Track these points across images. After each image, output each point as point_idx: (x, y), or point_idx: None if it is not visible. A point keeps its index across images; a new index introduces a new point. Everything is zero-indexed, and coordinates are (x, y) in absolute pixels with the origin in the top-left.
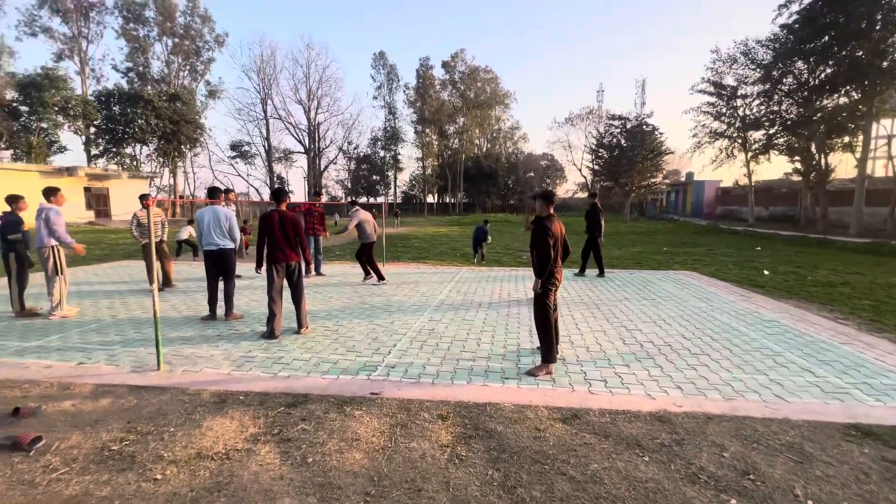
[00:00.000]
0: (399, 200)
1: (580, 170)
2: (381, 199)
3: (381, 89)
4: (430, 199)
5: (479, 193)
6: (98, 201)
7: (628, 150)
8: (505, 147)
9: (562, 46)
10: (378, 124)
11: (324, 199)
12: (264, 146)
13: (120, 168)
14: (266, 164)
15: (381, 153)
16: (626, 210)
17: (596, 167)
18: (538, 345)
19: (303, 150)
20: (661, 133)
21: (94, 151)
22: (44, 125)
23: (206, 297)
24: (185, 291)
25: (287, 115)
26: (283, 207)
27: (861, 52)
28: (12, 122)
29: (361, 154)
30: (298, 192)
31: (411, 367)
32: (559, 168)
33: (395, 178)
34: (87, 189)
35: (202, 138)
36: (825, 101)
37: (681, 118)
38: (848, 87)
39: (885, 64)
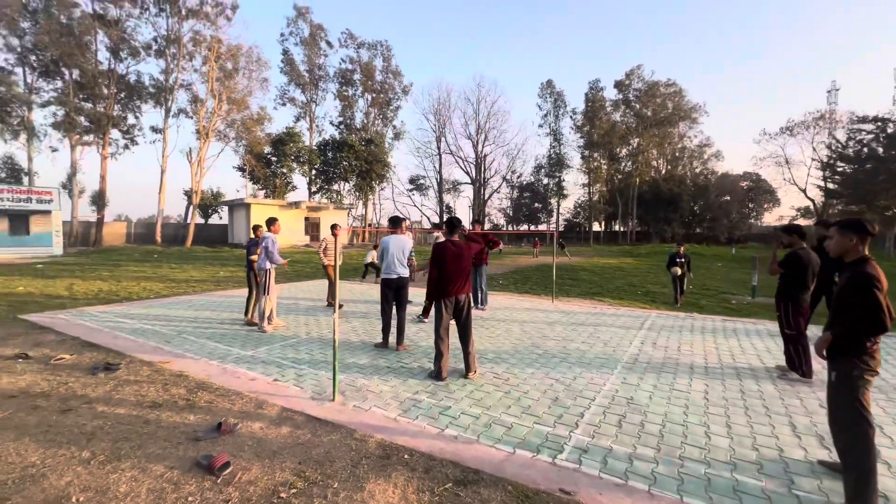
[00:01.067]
0: (561, 228)
1: (804, 190)
2: (542, 227)
3: (547, 117)
4: (595, 226)
5: (657, 221)
6: (313, 228)
7: (889, 162)
8: (691, 167)
9: (772, 45)
10: (542, 152)
11: (485, 226)
12: (436, 178)
13: (329, 201)
14: (437, 194)
15: (545, 180)
16: (887, 243)
17: (832, 186)
18: (835, 460)
19: (469, 181)
20: None
21: (313, 189)
22: (284, 170)
23: (381, 323)
24: (366, 315)
25: (457, 149)
26: (457, 238)
27: None
28: (266, 169)
29: (524, 182)
30: (465, 221)
31: (611, 455)
32: (767, 190)
33: (559, 206)
34: (306, 218)
35: (388, 174)
36: None
37: None
38: None
39: None
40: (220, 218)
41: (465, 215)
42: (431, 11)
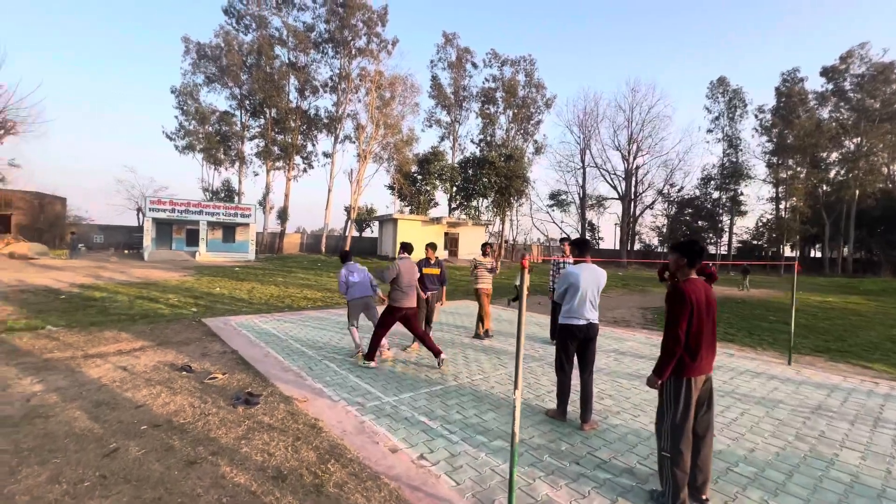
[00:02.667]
0: (733, 252)
1: None
2: (712, 250)
3: (718, 120)
4: (787, 250)
5: (890, 246)
6: (452, 243)
7: None
8: None
9: None
10: (712, 161)
11: (635, 246)
12: (579, 194)
13: (467, 217)
14: (579, 211)
15: (716, 194)
16: None
17: None
18: None
19: (617, 196)
20: None
21: (453, 205)
22: (427, 187)
23: (556, 384)
24: (540, 358)
25: (603, 162)
26: (693, 274)
27: None
28: (412, 187)
29: (685, 197)
30: (609, 239)
31: None
32: None
33: (732, 224)
34: (446, 234)
35: (527, 190)
36: None
37: None
38: None
39: None
40: (372, 231)
41: (609, 233)
42: (581, 18)
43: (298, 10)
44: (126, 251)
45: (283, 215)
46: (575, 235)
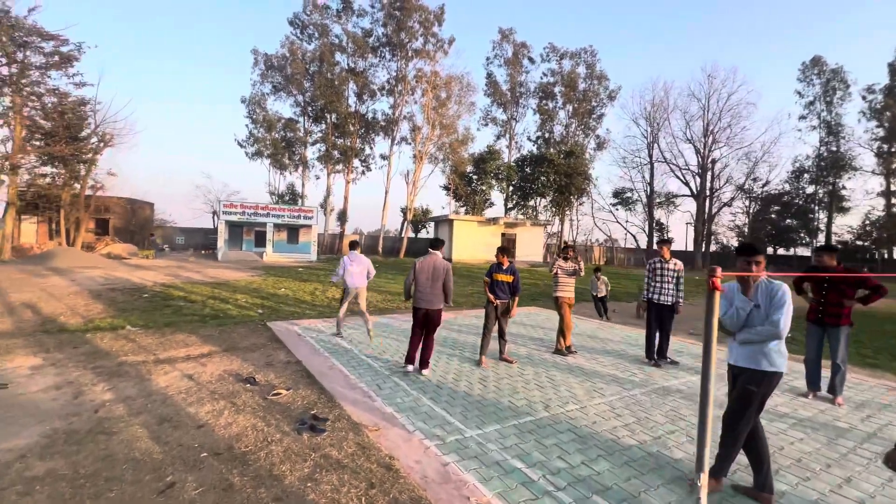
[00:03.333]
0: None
1: None
2: (800, 251)
3: (813, 104)
4: None
5: None
6: (509, 244)
7: None
8: None
9: None
10: (805, 151)
11: (711, 248)
12: (646, 191)
13: (525, 218)
14: (646, 209)
15: (810, 188)
16: None
17: None
18: None
19: (689, 193)
20: None
21: (509, 205)
22: (483, 187)
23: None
24: (642, 384)
25: (674, 156)
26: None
27: None
28: (467, 187)
29: (771, 193)
30: (679, 240)
31: None
32: None
33: (831, 222)
34: (503, 234)
35: (589, 188)
36: None
37: None
38: None
39: None
40: (428, 232)
41: (680, 232)
42: (648, 2)
43: (357, 17)
44: (203, 252)
45: (342, 217)
46: (657, 236)
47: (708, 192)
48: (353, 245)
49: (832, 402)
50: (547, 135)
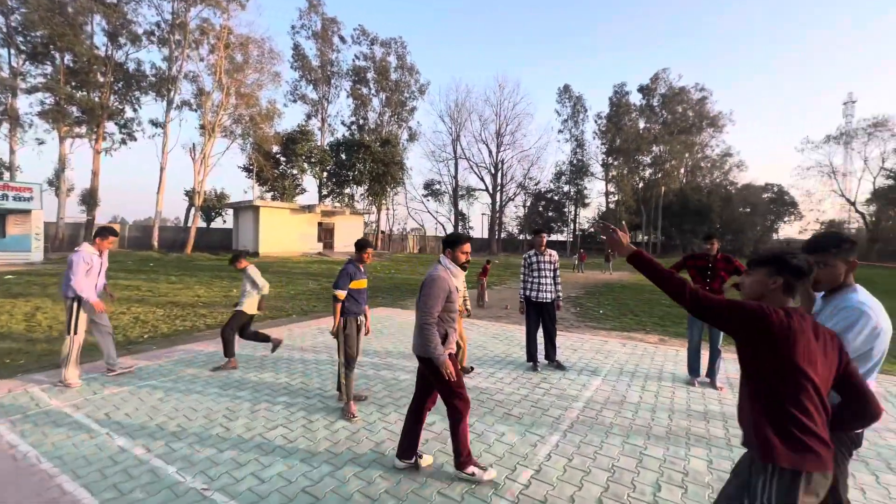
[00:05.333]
0: (571, 239)
1: (853, 203)
2: (556, 237)
3: (567, 122)
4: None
5: (683, 232)
6: (326, 235)
7: None
8: (712, 178)
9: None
10: (563, 158)
11: (500, 236)
12: (451, 184)
13: (342, 205)
14: (452, 200)
15: (566, 188)
16: None
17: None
18: None
19: (484, 188)
20: None
21: (323, 192)
22: (294, 171)
23: None
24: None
25: (472, 154)
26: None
27: None
28: (275, 170)
29: (542, 190)
30: (477, 228)
31: None
32: (790, 202)
33: (577, 215)
34: (319, 224)
35: (404, 178)
36: None
37: None
38: None
39: None
40: (224, 222)
41: (478, 222)
42: (450, 10)
43: None
44: None
45: (89, 200)
46: (461, 226)
47: (499, 188)
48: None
49: (714, 387)
50: (361, 121)
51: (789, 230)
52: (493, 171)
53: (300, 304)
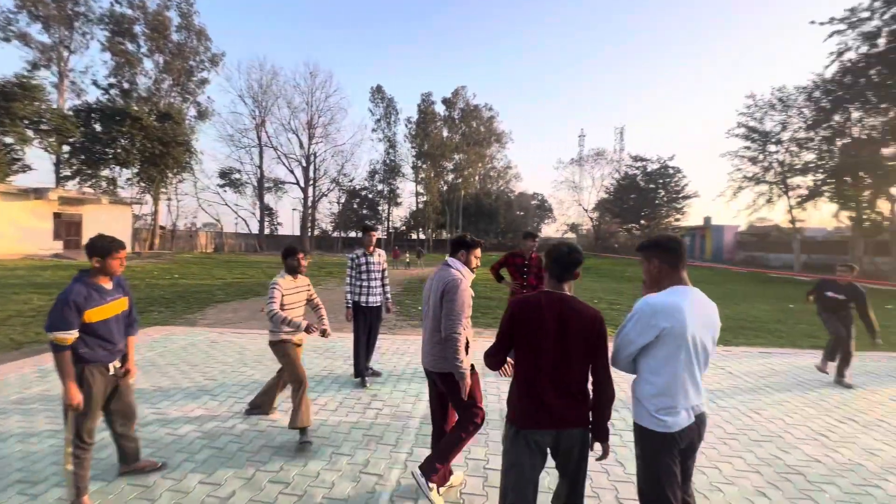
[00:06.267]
0: (384, 236)
1: (586, 210)
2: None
3: (380, 122)
4: (422, 235)
5: (478, 232)
6: (69, 230)
7: (647, 192)
8: (497, 185)
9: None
10: (377, 157)
11: (314, 233)
12: (255, 174)
13: (97, 191)
14: (256, 193)
15: (380, 186)
16: None
17: (612, 208)
18: None
19: (294, 181)
20: (683, 176)
21: (65, 171)
22: (8, 139)
23: None
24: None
25: (280, 143)
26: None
27: None
28: None
29: (356, 187)
30: (287, 224)
31: None
32: (548, 208)
33: (390, 213)
34: (56, 215)
35: (192, 162)
36: (888, 148)
37: (701, 165)
38: None
39: None
40: None
41: (288, 218)
42: None
43: None
44: None
45: None
46: (268, 221)
47: (311, 182)
48: None
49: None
50: (127, 85)
51: (548, 230)
52: (304, 164)
53: (11, 332)
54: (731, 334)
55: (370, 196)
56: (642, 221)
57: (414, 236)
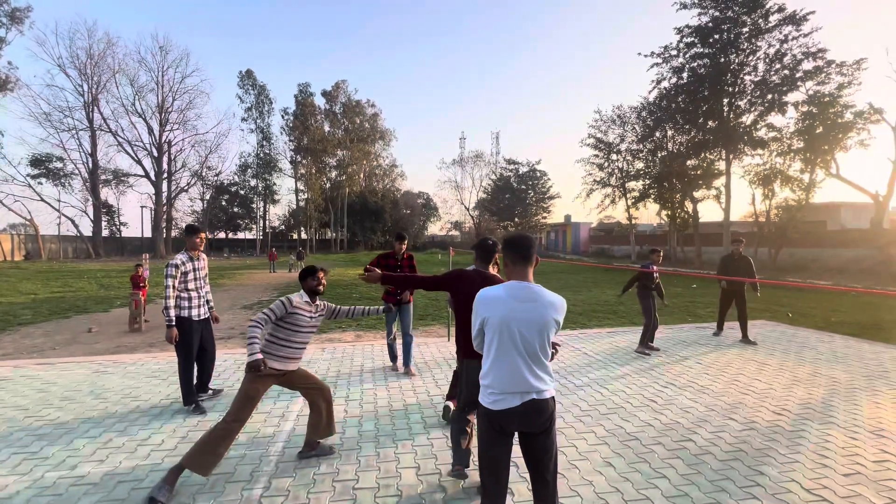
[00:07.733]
0: (260, 236)
1: (468, 209)
2: (244, 235)
3: (251, 111)
4: (304, 235)
5: (364, 230)
6: None
7: (519, 193)
8: (383, 184)
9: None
10: (249, 149)
11: (172, 234)
12: (86, 164)
13: None
14: (88, 187)
15: (253, 182)
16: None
17: (490, 207)
18: None
19: (143, 174)
20: (548, 178)
21: None
22: None
23: None
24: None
25: (122, 128)
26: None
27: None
28: None
29: (225, 182)
30: (134, 224)
31: None
32: (434, 207)
33: (266, 211)
34: None
35: None
36: (691, 161)
37: (563, 168)
38: (706, 153)
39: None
40: None
41: (136, 216)
42: None
43: None
44: None
45: None
46: (105, 220)
47: (165, 175)
48: None
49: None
50: None
51: (434, 228)
52: (155, 154)
53: None
54: (586, 318)
55: (242, 192)
56: (516, 219)
57: (294, 236)
